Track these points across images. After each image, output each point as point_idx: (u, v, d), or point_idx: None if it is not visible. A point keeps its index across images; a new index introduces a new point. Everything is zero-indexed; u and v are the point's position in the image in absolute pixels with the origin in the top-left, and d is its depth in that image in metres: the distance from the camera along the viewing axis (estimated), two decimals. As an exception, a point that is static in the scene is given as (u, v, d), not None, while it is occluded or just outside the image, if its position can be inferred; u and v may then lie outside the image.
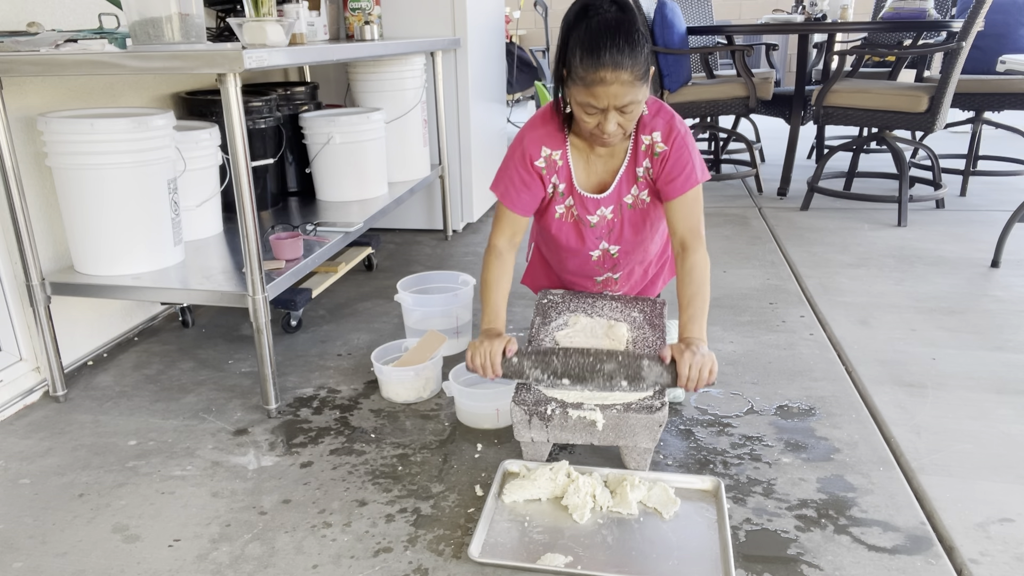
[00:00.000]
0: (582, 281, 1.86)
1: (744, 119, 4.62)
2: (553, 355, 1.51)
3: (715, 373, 1.45)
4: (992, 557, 1.28)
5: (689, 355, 1.45)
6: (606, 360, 1.49)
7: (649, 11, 3.64)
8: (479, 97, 3.22)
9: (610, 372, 1.48)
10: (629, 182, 1.65)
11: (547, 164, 1.63)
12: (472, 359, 1.53)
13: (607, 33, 1.41)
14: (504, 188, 1.64)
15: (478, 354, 1.52)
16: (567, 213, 1.69)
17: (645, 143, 1.60)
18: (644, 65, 1.44)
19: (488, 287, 1.63)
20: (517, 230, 1.67)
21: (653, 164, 1.61)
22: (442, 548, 1.32)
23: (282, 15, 2.03)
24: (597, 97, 1.44)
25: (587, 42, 1.43)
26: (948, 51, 3.09)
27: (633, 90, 1.44)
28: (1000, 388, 1.84)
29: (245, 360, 2.09)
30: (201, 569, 1.28)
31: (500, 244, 1.66)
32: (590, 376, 1.49)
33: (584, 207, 1.67)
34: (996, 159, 4.12)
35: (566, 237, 1.72)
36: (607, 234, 1.71)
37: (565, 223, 1.70)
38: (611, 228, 1.70)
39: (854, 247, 2.96)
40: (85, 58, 1.55)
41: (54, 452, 1.65)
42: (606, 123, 1.48)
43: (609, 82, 1.42)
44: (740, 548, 1.31)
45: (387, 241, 3.19)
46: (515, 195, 1.64)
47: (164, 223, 1.89)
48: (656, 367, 1.48)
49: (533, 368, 1.51)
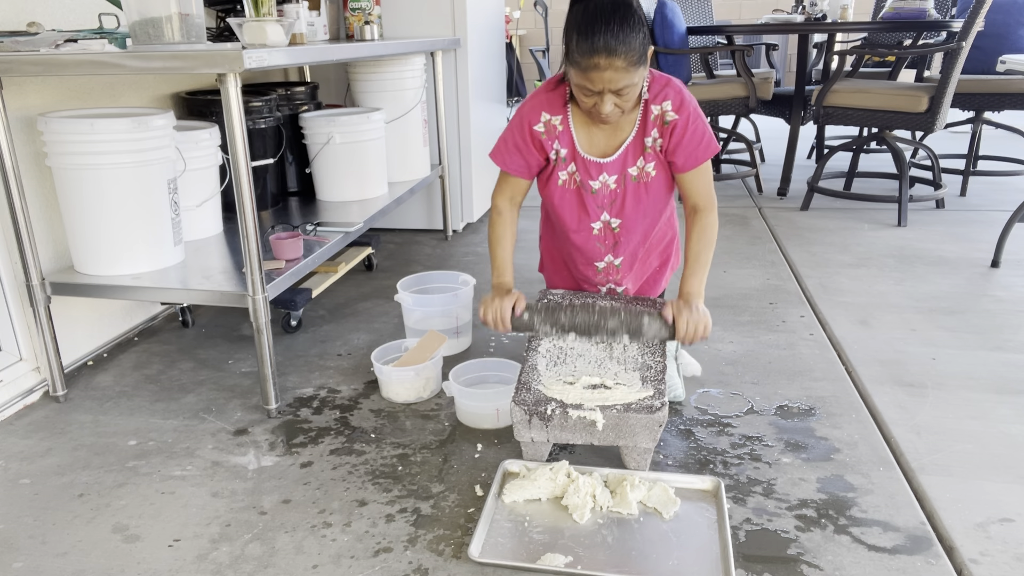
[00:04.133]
0: (586, 269, 1.85)
1: (744, 119, 4.62)
2: (560, 311, 1.61)
3: (709, 328, 1.56)
4: (992, 557, 1.28)
5: (687, 312, 1.55)
6: (610, 316, 1.59)
7: (649, 11, 3.64)
8: (479, 97, 3.22)
9: (613, 328, 1.59)
10: (636, 152, 1.65)
11: (547, 129, 1.66)
12: (484, 315, 1.63)
13: (602, 17, 1.42)
14: (496, 148, 1.72)
15: (490, 310, 1.62)
16: (569, 180, 1.71)
17: (655, 113, 1.61)
18: (640, 49, 1.45)
19: (494, 243, 1.73)
20: (516, 192, 1.74)
21: (663, 134, 1.62)
22: (442, 548, 1.32)
23: (282, 15, 2.03)
24: (592, 81, 1.47)
25: (583, 25, 1.44)
26: (948, 51, 3.09)
27: (628, 75, 1.46)
28: (1000, 388, 1.84)
29: (245, 360, 2.09)
30: (201, 569, 1.28)
31: (500, 204, 1.75)
32: (595, 330, 1.60)
33: (587, 171, 1.68)
34: (996, 159, 4.12)
35: (568, 207, 1.73)
36: (609, 205, 1.71)
37: (568, 191, 1.72)
38: (613, 199, 1.71)
39: (854, 247, 2.96)
40: (85, 58, 1.55)
41: (54, 452, 1.65)
42: (602, 104, 1.51)
43: (603, 67, 1.44)
44: (740, 548, 1.31)
45: (387, 241, 3.19)
46: (507, 156, 1.70)
47: (164, 223, 1.89)
48: (655, 323, 1.58)
49: (542, 323, 1.62)
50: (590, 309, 1.61)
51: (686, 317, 1.55)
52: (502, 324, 1.61)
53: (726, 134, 4.20)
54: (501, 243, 1.72)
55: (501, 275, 1.70)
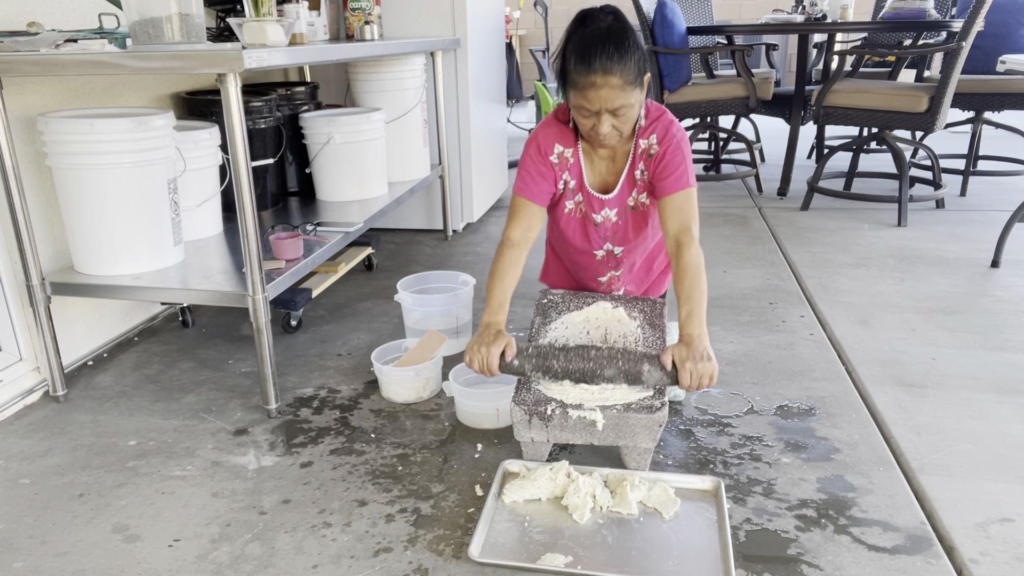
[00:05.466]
0: (589, 282, 1.89)
1: (744, 119, 4.62)
2: (553, 358, 1.51)
3: (715, 379, 1.44)
4: (992, 557, 1.28)
5: (691, 363, 1.44)
6: (607, 365, 1.49)
7: (649, 11, 3.64)
8: (479, 97, 3.22)
9: (610, 377, 1.49)
10: (630, 185, 1.70)
11: (560, 160, 1.68)
12: (470, 361, 1.53)
13: (598, 40, 1.48)
14: (521, 180, 1.68)
15: (476, 357, 1.52)
16: (575, 209, 1.74)
17: (642, 147, 1.65)
18: (635, 71, 1.49)
19: (496, 276, 1.61)
20: (532, 223, 1.66)
21: (648, 166, 1.66)
22: (442, 548, 1.32)
23: (282, 15, 2.03)
24: (589, 100, 1.50)
25: (580, 48, 1.49)
26: (948, 51, 3.09)
27: (623, 94, 1.49)
28: (1000, 388, 1.84)
29: (245, 360, 2.09)
30: (201, 569, 1.28)
31: (514, 236, 1.65)
32: (590, 380, 1.50)
33: (591, 205, 1.72)
34: (996, 159, 4.12)
35: (573, 233, 1.77)
36: (612, 236, 1.76)
37: (573, 218, 1.75)
38: (616, 231, 1.75)
39: (854, 247, 2.96)
40: (85, 58, 1.55)
41: (54, 452, 1.65)
42: (600, 125, 1.53)
43: (599, 86, 1.48)
44: (740, 548, 1.31)
45: (387, 241, 3.19)
46: (532, 185, 1.67)
47: (164, 223, 1.89)
48: (656, 372, 1.47)
49: (534, 371, 1.52)
50: (585, 356, 1.50)
51: (690, 368, 1.43)
52: (488, 371, 1.51)
53: (726, 134, 4.20)
54: (504, 278, 1.61)
55: (494, 313, 1.58)
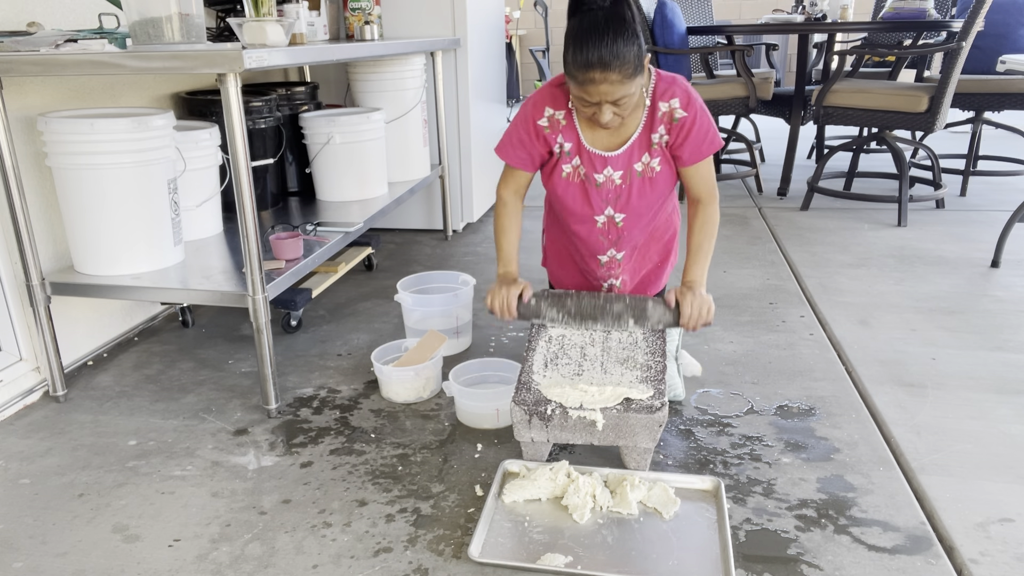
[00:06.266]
0: (590, 261, 1.85)
1: (744, 119, 4.62)
2: (567, 297, 1.68)
3: (713, 312, 1.60)
4: (992, 557, 1.28)
5: (691, 296, 1.60)
6: (615, 301, 1.66)
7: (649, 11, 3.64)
8: (479, 97, 3.22)
9: (618, 312, 1.65)
10: (642, 148, 1.66)
11: (551, 124, 1.67)
12: (492, 302, 1.67)
13: (596, 31, 1.43)
14: (502, 143, 1.73)
15: (497, 297, 1.66)
16: (574, 173, 1.71)
17: (662, 110, 1.62)
18: (635, 61, 1.45)
19: (499, 233, 1.75)
20: (520, 184, 1.75)
21: (671, 131, 1.63)
22: (442, 548, 1.32)
23: (282, 15, 2.03)
24: (589, 93, 1.49)
25: (577, 39, 1.45)
26: (948, 51, 3.09)
27: (623, 86, 1.47)
28: (1000, 388, 1.84)
29: (245, 360, 2.09)
30: (201, 569, 1.28)
31: (505, 195, 1.76)
32: (600, 315, 1.65)
33: (592, 164, 1.68)
34: (996, 159, 4.12)
35: (572, 198, 1.74)
36: (614, 200, 1.71)
37: (572, 183, 1.72)
38: (618, 194, 1.71)
39: (854, 247, 2.96)
40: (85, 58, 1.55)
41: (54, 452, 1.65)
42: (601, 114, 1.52)
43: (598, 81, 1.45)
44: (740, 548, 1.31)
45: (387, 241, 3.19)
46: (511, 150, 1.71)
47: (164, 223, 1.89)
48: (659, 307, 1.63)
49: (549, 308, 1.67)
50: (595, 296, 1.68)
51: (690, 300, 1.59)
52: (508, 311, 1.65)
53: (726, 134, 4.20)
54: (507, 233, 1.74)
55: (507, 264, 1.72)
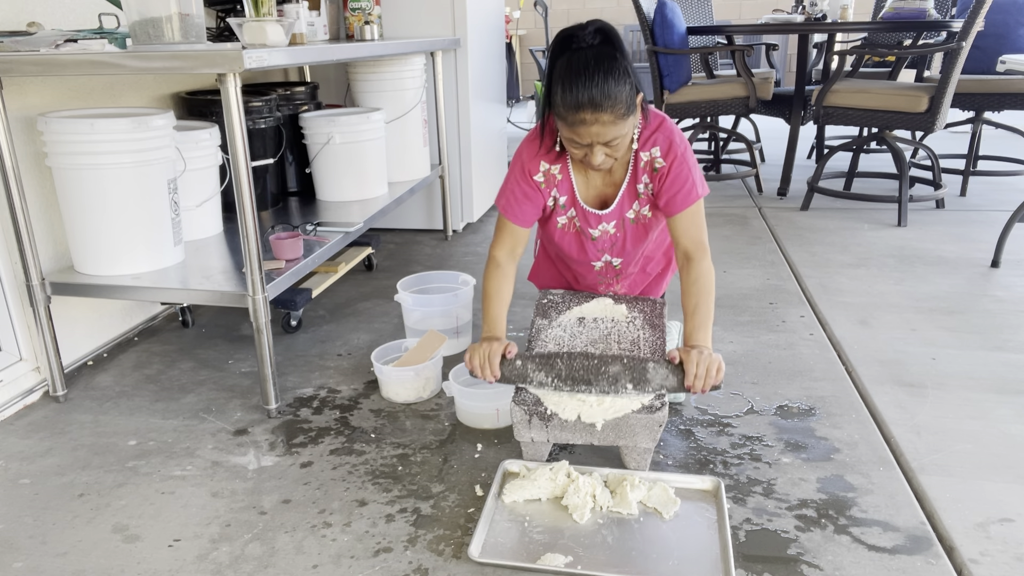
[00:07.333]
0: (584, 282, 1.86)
1: (744, 119, 4.62)
2: (557, 357, 1.50)
3: (723, 372, 1.43)
4: (992, 557, 1.28)
5: (696, 354, 1.44)
6: (611, 363, 1.47)
7: (649, 11, 3.64)
8: (479, 97, 3.22)
9: (615, 374, 1.46)
10: (631, 198, 1.64)
11: (546, 179, 1.63)
12: (470, 360, 1.53)
13: (586, 71, 1.38)
14: (505, 200, 1.65)
15: (476, 355, 1.52)
16: (569, 224, 1.69)
17: (644, 159, 1.59)
18: (627, 101, 1.41)
19: (488, 298, 1.63)
20: (517, 242, 1.66)
21: (653, 180, 1.60)
22: (442, 548, 1.32)
23: (282, 15, 2.03)
24: (580, 135, 1.44)
25: (567, 80, 1.40)
26: (948, 51, 3.09)
27: (615, 127, 1.43)
28: (1000, 388, 1.84)
29: (245, 360, 2.09)
30: (201, 569, 1.28)
31: (500, 256, 1.65)
32: (595, 378, 1.46)
33: (587, 221, 1.67)
34: (996, 159, 4.12)
35: (568, 246, 1.73)
36: (610, 247, 1.71)
37: (567, 233, 1.70)
38: (614, 243, 1.70)
39: (854, 247, 2.96)
40: (85, 58, 1.55)
41: (54, 452, 1.65)
42: (593, 156, 1.48)
43: (590, 122, 1.41)
44: (740, 548, 1.31)
45: (387, 241, 3.19)
46: (516, 207, 1.64)
47: (164, 223, 1.89)
48: (662, 369, 1.46)
49: (536, 371, 1.49)
50: (588, 356, 1.49)
51: (695, 359, 1.43)
52: (490, 370, 1.50)
53: (726, 134, 4.20)
54: (497, 299, 1.62)
55: (492, 330, 1.59)
